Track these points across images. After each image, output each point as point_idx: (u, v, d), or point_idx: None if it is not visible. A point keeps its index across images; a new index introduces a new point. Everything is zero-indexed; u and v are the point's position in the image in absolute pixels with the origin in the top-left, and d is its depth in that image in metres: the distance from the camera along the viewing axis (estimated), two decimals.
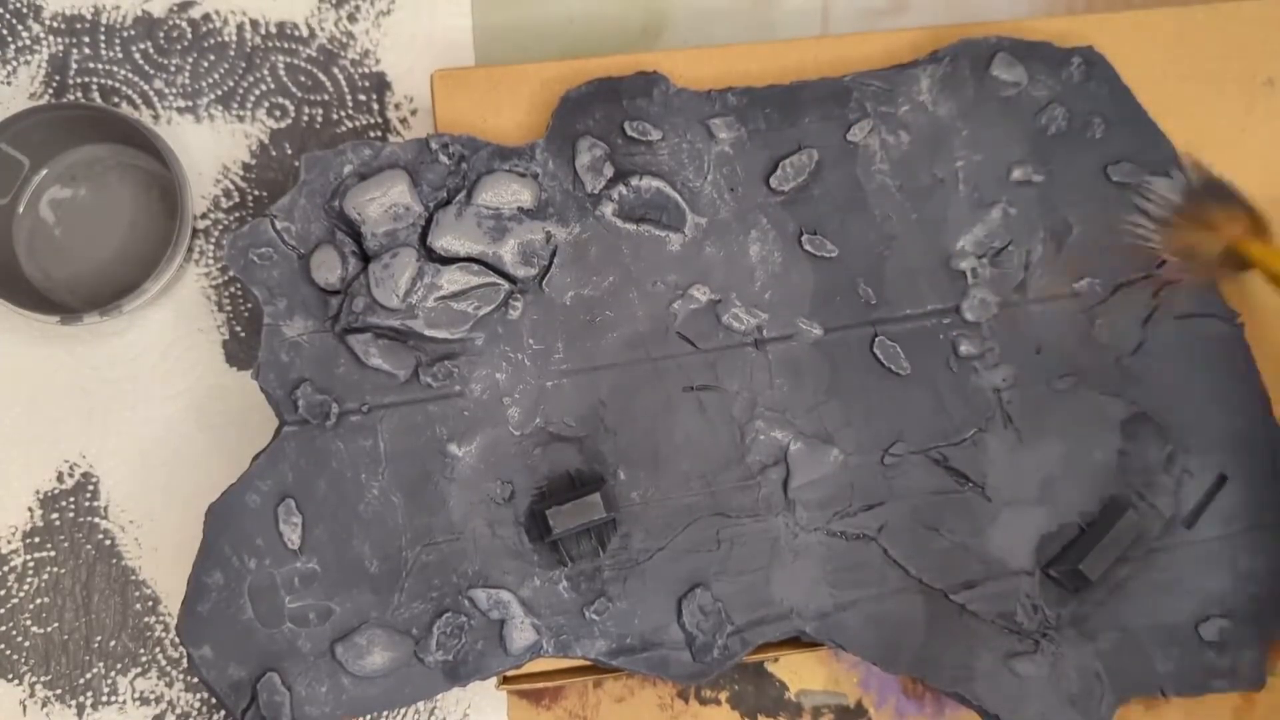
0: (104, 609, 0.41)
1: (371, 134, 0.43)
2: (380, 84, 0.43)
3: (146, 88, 0.42)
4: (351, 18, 0.43)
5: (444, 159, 0.34)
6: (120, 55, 0.42)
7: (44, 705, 0.40)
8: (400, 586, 0.33)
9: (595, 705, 0.41)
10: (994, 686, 0.34)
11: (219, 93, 0.42)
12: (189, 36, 0.42)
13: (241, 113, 0.42)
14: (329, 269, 0.34)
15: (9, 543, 0.41)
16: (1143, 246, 0.36)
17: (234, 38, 0.43)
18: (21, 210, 0.41)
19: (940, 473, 0.35)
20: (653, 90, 0.35)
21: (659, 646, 0.34)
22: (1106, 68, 0.37)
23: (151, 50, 0.42)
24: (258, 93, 0.42)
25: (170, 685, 0.41)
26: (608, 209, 0.35)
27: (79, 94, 0.42)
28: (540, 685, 0.39)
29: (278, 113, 0.42)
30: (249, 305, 0.42)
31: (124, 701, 0.41)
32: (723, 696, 0.41)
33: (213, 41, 0.42)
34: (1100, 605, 0.35)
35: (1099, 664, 0.35)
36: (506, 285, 0.34)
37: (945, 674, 0.34)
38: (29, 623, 0.41)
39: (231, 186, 0.42)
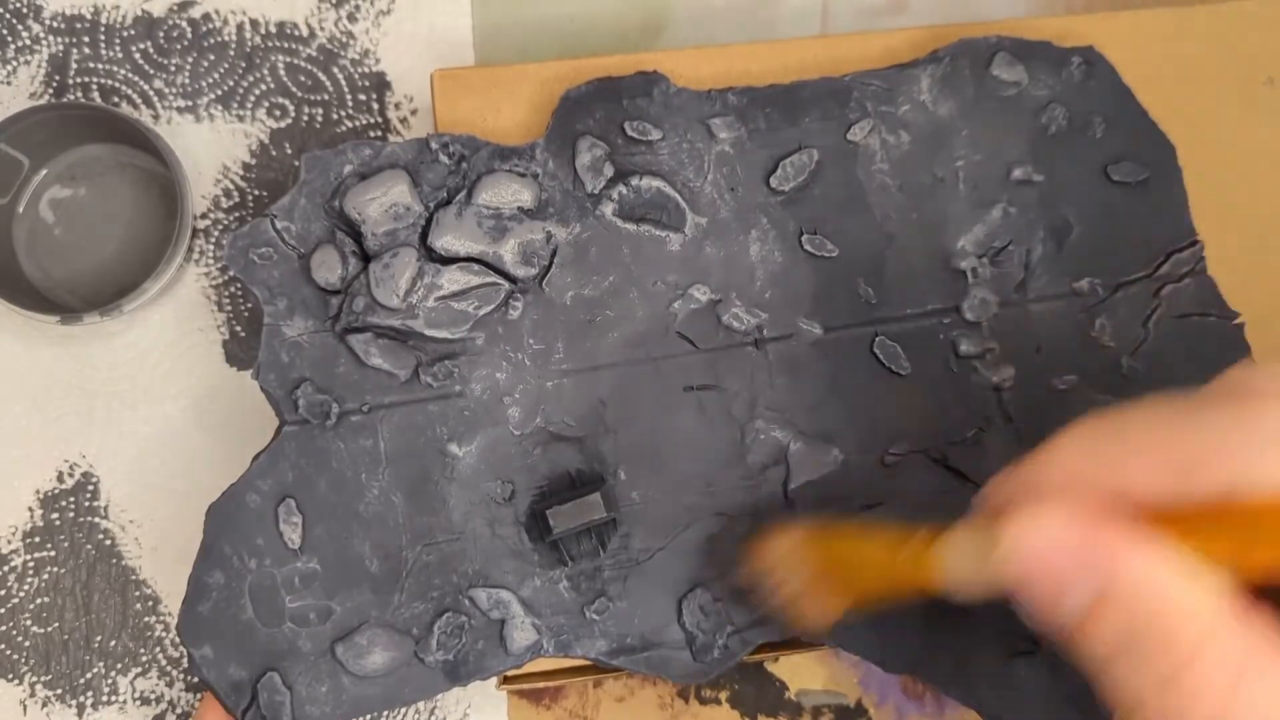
0: (104, 609, 0.41)
1: (371, 134, 0.43)
2: (380, 84, 0.43)
3: (146, 88, 0.42)
4: (351, 17, 0.43)
5: (444, 159, 0.34)
6: (120, 55, 0.42)
7: (44, 705, 0.40)
8: (400, 586, 0.33)
9: (595, 705, 0.41)
10: (994, 686, 0.34)
11: (219, 93, 0.42)
12: (189, 36, 0.42)
13: (241, 113, 0.42)
14: (329, 269, 0.34)
15: (9, 543, 0.41)
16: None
17: (234, 38, 0.43)
18: (21, 210, 0.41)
19: (940, 473, 0.35)
20: (653, 90, 0.35)
21: (659, 646, 0.34)
22: (1106, 68, 0.37)
23: (151, 50, 0.42)
24: (258, 93, 0.42)
25: (170, 685, 0.41)
26: (608, 209, 0.35)
27: (79, 94, 0.42)
28: (540, 685, 0.39)
29: (278, 113, 0.42)
30: (249, 305, 0.42)
31: (124, 701, 0.41)
32: (723, 696, 0.41)
33: (213, 41, 0.42)
34: None
35: None
36: (507, 285, 0.34)
37: (945, 674, 0.34)
38: (29, 623, 0.41)
39: (231, 186, 0.42)
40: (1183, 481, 0.20)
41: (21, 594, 0.41)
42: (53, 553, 0.41)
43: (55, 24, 0.42)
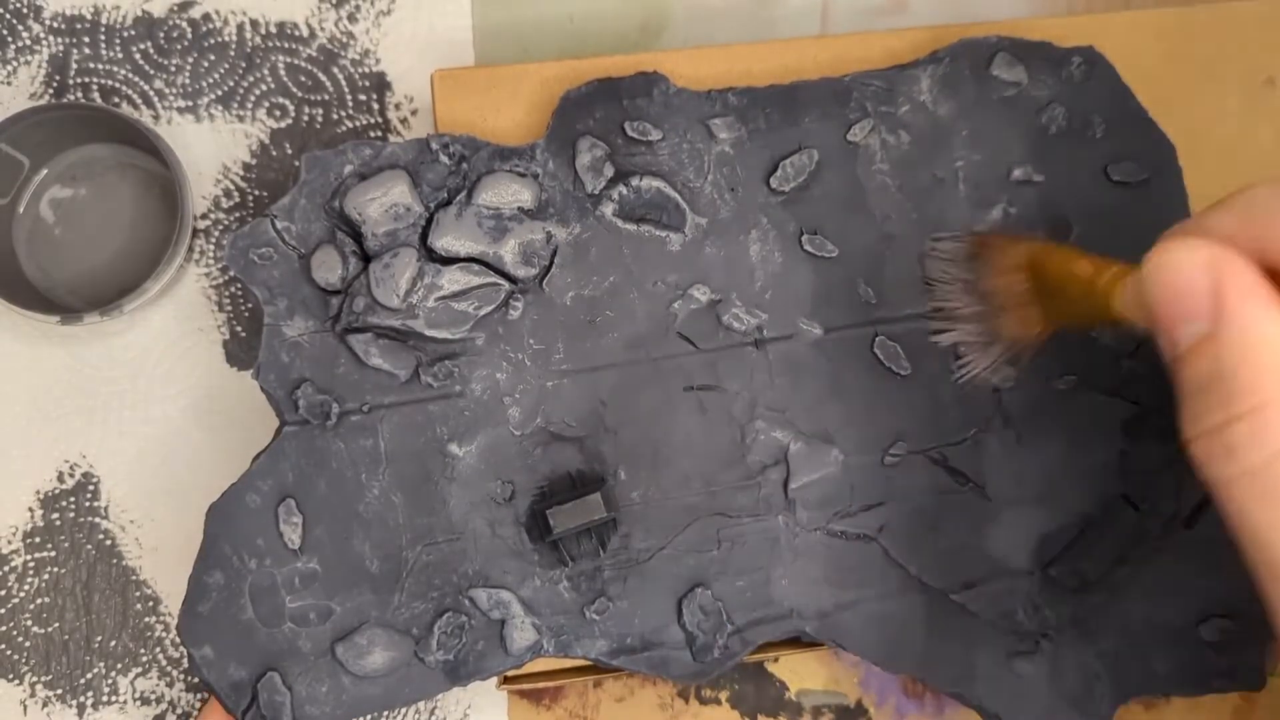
0: (104, 609, 0.41)
1: (371, 134, 0.43)
2: (380, 84, 0.43)
3: (146, 88, 0.42)
4: (351, 18, 0.43)
5: (444, 159, 0.34)
6: (120, 55, 0.42)
7: (44, 705, 0.40)
8: (401, 586, 0.33)
9: (595, 705, 0.41)
10: (994, 686, 0.34)
11: (219, 93, 0.42)
12: (189, 36, 0.42)
13: (241, 113, 0.42)
14: (329, 269, 0.34)
15: (9, 543, 0.41)
16: (949, 310, 0.34)
17: (234, 38, 0.43)
18: (21, 210, 0.41)
19: (940, 473, 0.35)
20: (653, 90, 0.35)
21: (659, 646, 0.34)
22: (1106, 68, 0.37)
23: (151, 50, 0.42)
24: (258, 93, 0.42)
25: (171, 685, 0.41)
26: (608, 209, 0.35)
27: (79, 94, 0.42)
28: (540, 685, 0.39)
29: (278, 113, 0.42)
30: (249, 305, 0.42)
31: (124, 701, 0.41)
32: (723, 696, 0.41)
33: (213, 41, 0.42)
34: (1100, 605, 0.35)
35: (1099, 664, 0.35)
36: (507, 285, 0.34)
37: (945, 674, 0.34)
38: (29, 623, 0.41)
39: (231, 186, 0.42)
40: None
41: (21, 594, 0.41)
42: (53, 553, 0.41)
43: (55, 24, 0.42)
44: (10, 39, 0.42)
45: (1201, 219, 0.25)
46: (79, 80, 0.42)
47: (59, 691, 0.40)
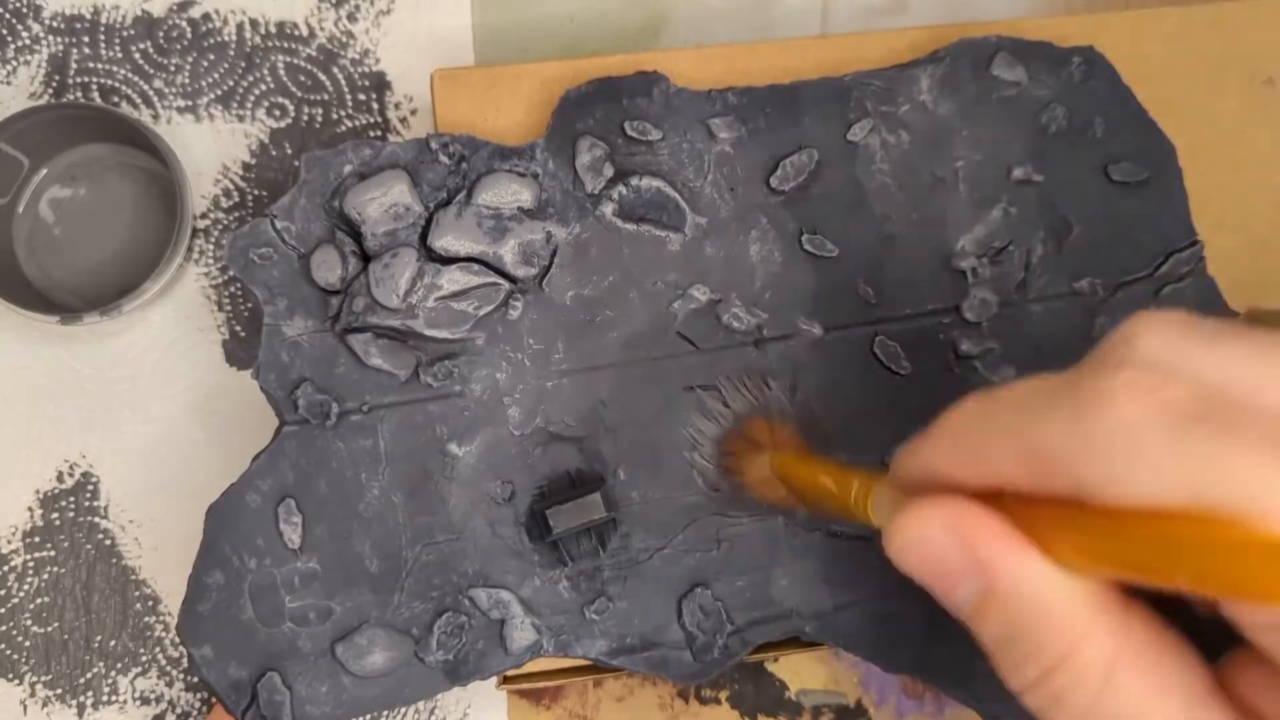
0: (104, 609, 0.41)
1: (371, 134, 0.43)
2: (380, 84, 0.43)
3: (146, 87, 0.42)
4: (351, 17, 0.43)
5: (444, 159, 0.34)
6: (120, 55, 0.42)
7: (44, 705, 0.40)
8: (400, 586, 0.33)
9: (595, 705, 0.41)
10: (994, 686, 0.34)
11: (219, 92, 0.42)
12: (189, 36, 0.42)
13: (241, 112, 0.42)
14: (329, 269, 0.34)
15: (9, 543, 0.41)
16: (702, 469, 0.34)
17: (234, 37, 0.43)
18: (21, 210, 0.41)
19: None
20: (653, 90, 0.35)
21: (659, 646, 0.34)
22: (1106, 68, 0.37)
23: (151, 50, 0.42)
24: (258, 92, 0.42)
25: (170, 685, 0.41)
26: (608, 209, 0.35)
27: (79, 94, 0.42)
28: (540, 685, 0.39)
29: (278, 112, 0.42)
30: (249, 305, 0.42)
31: (124, 701, 0.41)
32: (723, 696, 0.41)
33: (212, 41, 0.42)
34: None
35: None
36: (506, 285, 0.34)
37: (945, 674, 0.34)
38: (29, 622, 0.41)
39: (231, 186, 0.42)
40: (1039, 478, 0.20)
41: (21, 594, 0.41)
42: (53, 553, 0.41)
43: (55, 24, 0.42)
44: (10, 38, 0.42)
45: (917, 456, 0.23)
46: (79, 80, 0.42)
47: (59, 691, 0.40)
